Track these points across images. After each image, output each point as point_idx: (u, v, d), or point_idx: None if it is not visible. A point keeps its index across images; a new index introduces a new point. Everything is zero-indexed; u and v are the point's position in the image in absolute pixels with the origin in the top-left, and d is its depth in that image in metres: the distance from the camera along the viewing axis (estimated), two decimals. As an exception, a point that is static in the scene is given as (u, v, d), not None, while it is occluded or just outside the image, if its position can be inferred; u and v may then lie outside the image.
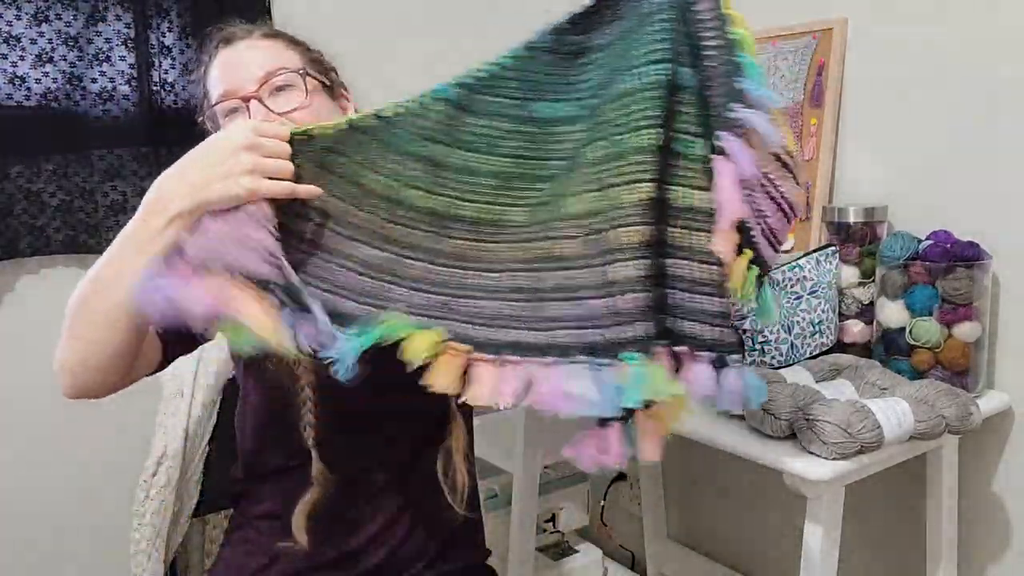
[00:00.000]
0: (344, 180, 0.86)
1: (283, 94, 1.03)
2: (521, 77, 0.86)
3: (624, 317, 0.74)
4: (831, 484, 1.08)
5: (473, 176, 0.86)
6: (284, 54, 1.07)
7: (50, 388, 1.75)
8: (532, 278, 0.82)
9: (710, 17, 0.79)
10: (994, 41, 1.30)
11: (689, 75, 0.78)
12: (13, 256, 1.66)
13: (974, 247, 1.26)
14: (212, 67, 1.07)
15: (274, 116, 1.00)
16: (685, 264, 0.76)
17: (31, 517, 1.76)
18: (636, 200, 0.76)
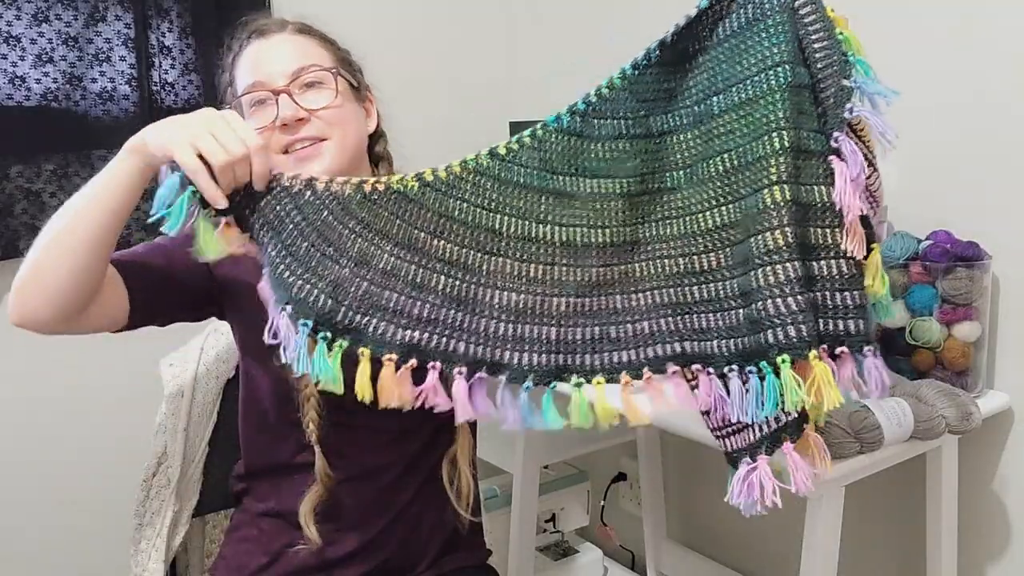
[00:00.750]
0: (471, 227, 0.86)
1: (312, 91, 1.04)
2: (633, 96, 0.88)
3: (778, 320, 0.76)
4: (831, 484, 1.09)
5: (602, 201, 0.86)
6: (316, 51, 1.07)
7: (50, 388, 1.76)
8: (678, 293, 0.84)
9: (814, 19, 0.81)
10: (994, 41, 1.30)
11: (806, 74, 0.80)
12: (13, 256, 1.66)
13: (974, 247, 1.26)
14: (242, 56, 1.07)
15: (303, 112, 1.01)
16: (825, 263, 0.78)
17: (31, 517, 1.76)
18: (778, 202, 0.77)
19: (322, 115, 1.03)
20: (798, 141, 0.78)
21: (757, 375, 0.77)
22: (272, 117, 1.02)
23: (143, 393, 1.52)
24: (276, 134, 1.02)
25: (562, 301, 0.84)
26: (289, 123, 1.01)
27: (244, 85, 1.05)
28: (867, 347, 0.77)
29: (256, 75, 1.04)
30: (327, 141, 1.04)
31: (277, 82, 1.03)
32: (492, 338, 0.83)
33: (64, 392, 1.76)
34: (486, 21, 2.25)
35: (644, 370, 0.83)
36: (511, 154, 0.87)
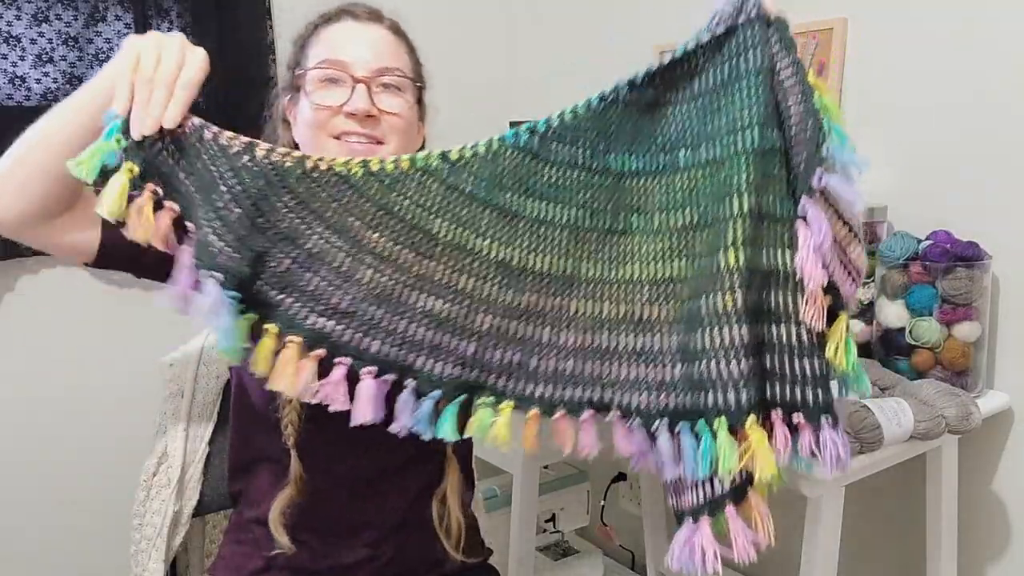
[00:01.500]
0: (408, 225, 0.83)
1: (388, 93, 1.01)
2: (595, 127, 0.84)
3: (719, 384, 0.75)
4: (831, 484, 1.09)
5: (546, 227, 0.83)
6: (403, 57, 1.05)
7: (49, 387, 1.76)
8: (612, 338, 0.82)
9: (793, 83, 0.78)
10: (994, 41, 1.30)
11: (778, 137, 0.78)
12: (13, 256, 1.66)
13: (974, 247, 1.26)
14: (327, 29, 1.03)
15: (375, 109, 0.99)
16: (785, 328, 0.77)
17: (31, 517, 1.76)
18: (732, 266, 0.76)
19: (389, 119, 1.00)
20: (761, 206, 0.77)
21: (692, 434, 0.76)
22: (340, 100, 0.99)
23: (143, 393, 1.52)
24: (336, 117, 0.99)
25: (487, 319, 0.82)
26: (358, 115, 0.99)
27: (322, 57, 1.01)
28: (824, 418, 0.75)
29: (340, 54, 1.00)
30: (383, 145, 1.01)
31: (360, 69, 0.99)
32: (408, 341, 0.81)
33: (64, 392, 1.76)
34: (486, 21, 2.25)
35: (557, 409, 0.81)
36: (463, 161, 0.84)
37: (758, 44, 0.79)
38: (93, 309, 1.78)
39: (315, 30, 1.05)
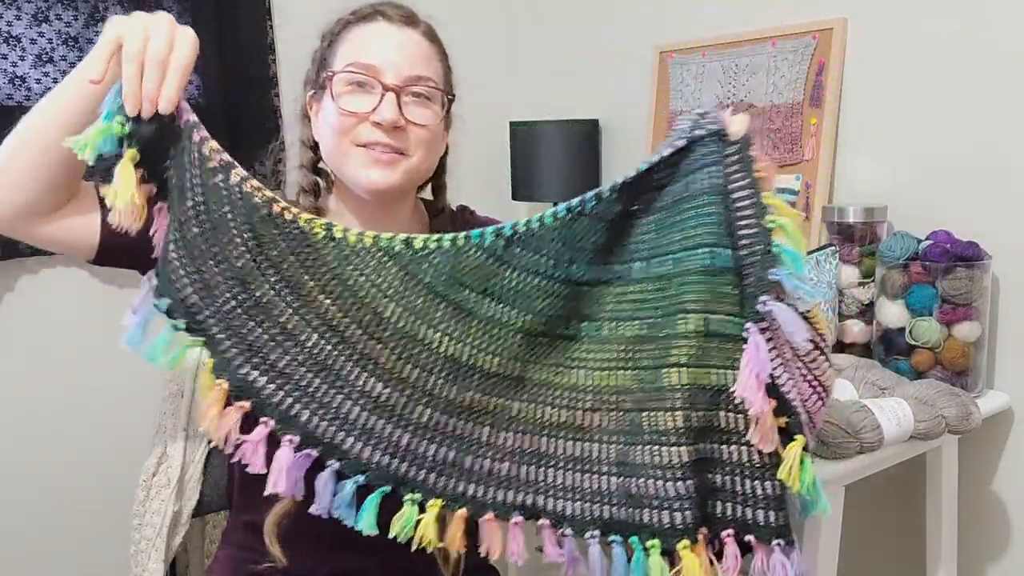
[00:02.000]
0: (360, 302, 0.81)
1: (418, 103, 1.00)
2: (561, 237, 0.84)
3: (656, 503, 0.75)
4: (831, 484, 1.08)
5: (500, 329, 0.82)
6: (435, 64, 1.02)
7: (49, 387, 1.76)
8: (550, 444, 0.82)
9: (748, 204, 0.77)
10: (994, 41, 1.30)
11: (730, 257, 0.78)
12: (13, 256, 1.66)
13: (974, 247, 1.26)
14: (359, 28, 1.00)
15: (403, 120, 0.97)
16: (736, 448, 0.77)
17: (31, 516, 1.76)
18: (675, 384, 0.76)
19: (416, 131, 0.99)
20: (710, 325, 0.77)
21: (623, 547, 0.76)
22: (368, 107, 0.97)
23: (143, 393, 1.52)
24: (363, 125, 0.98)
25: (427, 411, 0.80)
26: (384, 125, 0.97)
27: (351, 59, 0.98)
28: (777, 540, 0.74)
29: (371, 57, 0.97)
30: (407, 157, 1.00)
31: (392, 77, 0.97)
32: (340, 418, 0.79)
33: (64, 392, 1.76)
34: (486, 21, 2.25)
35: (487, 511, 0.80)
36: (426, 251, 0.83)
37: (713, 162, 0.78)
38: (93, 309, 1.78)
39: (345, 27, 1.01)
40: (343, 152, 0.99)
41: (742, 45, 1.65)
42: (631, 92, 1.93)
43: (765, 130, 1.61)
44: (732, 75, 1.67)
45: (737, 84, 1.66)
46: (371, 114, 0.97)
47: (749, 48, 1.63)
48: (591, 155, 2.00)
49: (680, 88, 1.77)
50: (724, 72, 1.68)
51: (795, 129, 1.55)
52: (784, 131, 1.57)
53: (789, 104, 1.56)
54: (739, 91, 1.66)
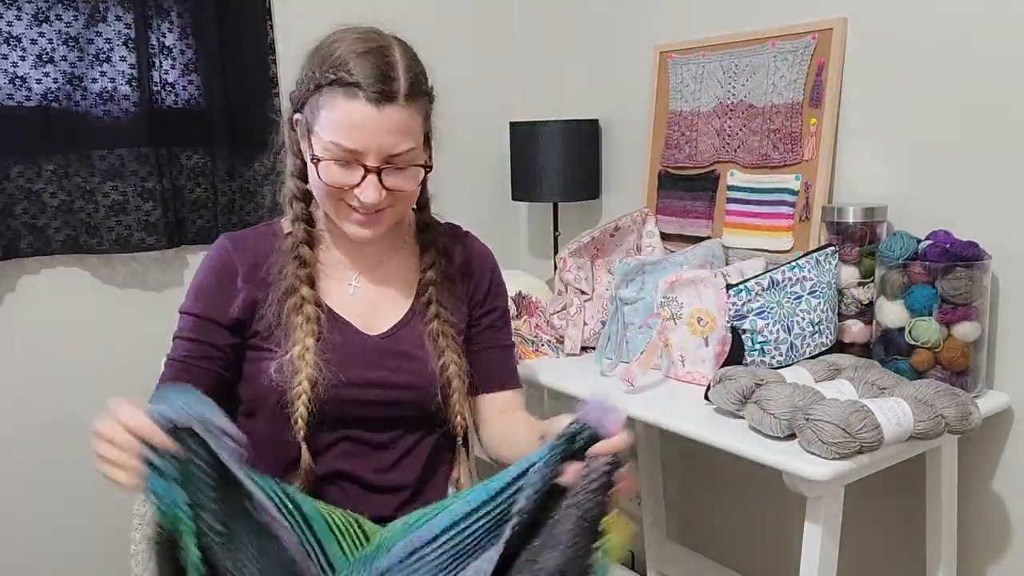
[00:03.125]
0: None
1: (399, 171, 1.05)
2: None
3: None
4: (831, 484, 1.08)
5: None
6: (416, 123, 1.05)
7: (49, 387, 1.75)
8: None
9: (588, 515, 0.83)
10: (994, 41, 1.30)
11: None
12: (13, 256, 1.66)
13: (974, 247, 1.26)
14: (341, 106, 1.00)
15: (384, 195, 1.03)
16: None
17: (31, 517, 1.76)
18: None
19: (396, 194, 1.06)
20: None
21: None
22: (352, 181, 1.03)
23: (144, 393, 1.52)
24: (348, 194, 1.04)
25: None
26: (368, 207, 1.04)
27: (334, 138, 1.01)
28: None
29: (353, 142, 1.01)
30: (390, 209, 1.07)
31: (372, 158, 1.02)
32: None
33: (64, 392, 1.76)
34: (486, 21, 2.25)
35: None
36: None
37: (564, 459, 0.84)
38: (93, 309, 1.78)
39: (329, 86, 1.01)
40: (331, 207, 1.08)
41: (742, 45, 1.65)
42: (631, 92, 1.93)
43: (765, 130, 1.61)
44: (732, 75, 1.67)
45: (737, 84, 1.66)
46: (355, 189, 1.04)
47: (749, 48, 1.63)
48: (591, 155, 2.00)
49: (680, 88, 1.77)
50: (724, 72, 1.68)
51: (795, 129, 1.56)
52: (784, 131, 1.57)
53: (789, 104, 1.56)
54: (739, 91, 1.66)
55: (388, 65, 1.02)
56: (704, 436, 1.21)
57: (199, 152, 1.81)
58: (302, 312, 1.08)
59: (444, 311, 1.16)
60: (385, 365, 1.11)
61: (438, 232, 1.21)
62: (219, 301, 1.10)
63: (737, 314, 1.34)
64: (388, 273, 1.18)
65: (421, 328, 1.15)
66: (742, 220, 1.65)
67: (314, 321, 1.08)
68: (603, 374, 1.48)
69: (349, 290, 1.15)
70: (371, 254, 1.17)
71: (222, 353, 1.10)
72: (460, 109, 2.19)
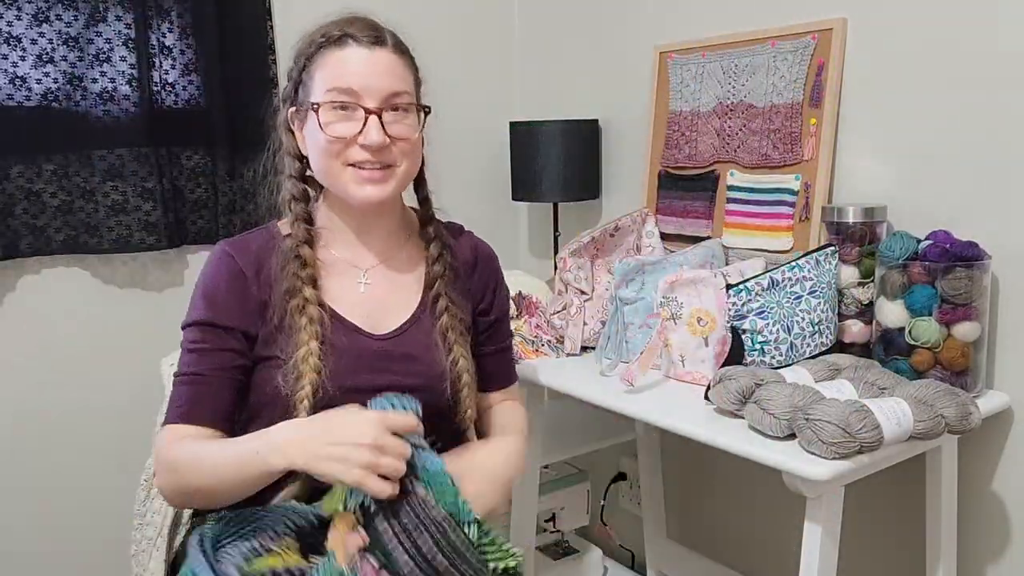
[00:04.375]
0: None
1: (397, 117, 1.06)
2: None
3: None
4: (831, 484, 1.09)
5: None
6: (407, 74, 1.09)
7: (49, 387, 1.76)
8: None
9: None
10: (994, 41, 1.30)
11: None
12: (13, 256, 1.66)
13: (974, 247, 1.26)
14: (333, 56, 1.05)
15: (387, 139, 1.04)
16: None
17: (31, 517, 1.76)
18: None
19: (400, 144, 1.07)
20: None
21: None
22: (353, 131, 1.04)
23: (143, 393, 1.52)
24: (351, 147, 1.05)
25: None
26: (372, 147, 1.04)
27: (331, 86, 1.04)
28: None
29: (350, 82, 1.04)
30: (395, 168, 1.08)
31: (371, 100, 1.04)
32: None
33: (64, 392, 1.76)
34: (486, 21, 2.25)
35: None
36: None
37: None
38: (93, 309, 1.78)
39: (319, 50, 1.06)
40: (335, 172, 1.07)
41: (742, 45, 1.65)
42: (631, 92, 1.93)
43: (765, 130, 1.61)
44: (732, 75, 1.67)
45: (737, 84, 1.66)
46: (358, 137, 1.04)
47: (749, 48, 1.63)
48: (591, 155, 2.00)
49: (680, 88, 1.77)
50: (724, 72, 1.68)
51: (795, 129, 1.56)
52: (784, 131, 1.57)
53: (789, 104, 1.56)
54: (739, 91, 1.66)
55: (372, 24, 1.08)
56: (704, 436, 1.21)
57: (199, 152, 1.81)
58: (305, 313, 1.07)
59: (453, 305, 1.16)
60: (392, 369, 1.10)
61: (441, 227, 1.22)
62: (233, 306, 1.08)
63: (737, 314, 1.34)
64: (397, 268, 1.17)
65: (430, 325, 1.14)
66: (742, 220, 1.65)
67: (317, 322, 1.07)
68: (603, 374, 1.48)
69: (359, 288, 1.14)
70: (377, 250, 1.16)
71: (243, 360, 1.08)
72: (460, 109, 2.19)
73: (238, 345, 1.07)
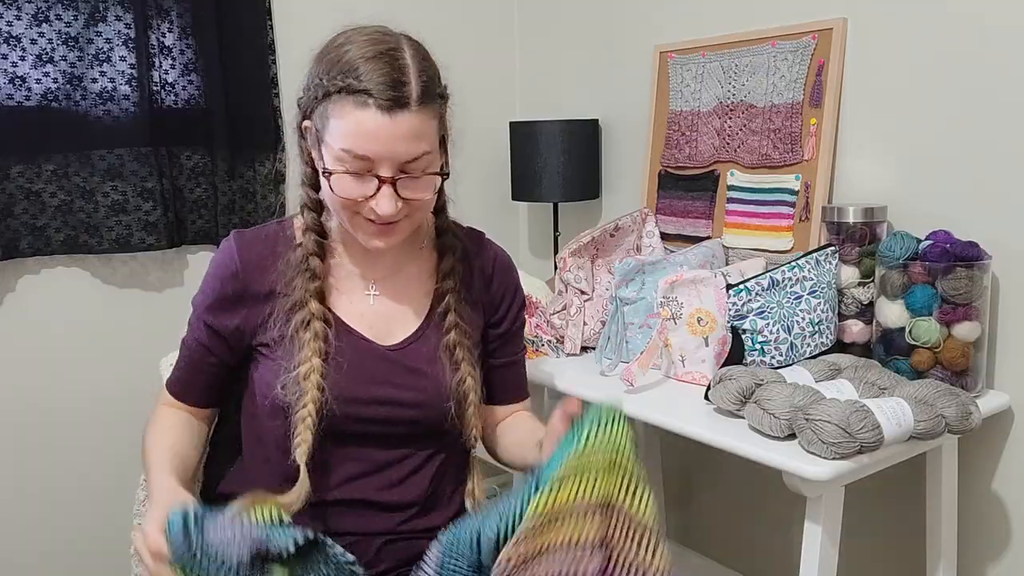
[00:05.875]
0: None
1: (414, 179, 1.00)
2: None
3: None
4: (831, 484, 1.09)
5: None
6: (430, 127, 1.01)
7: (49, 388, 1.76)
8: None
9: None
10: (993, 41, 1.30)
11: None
12: (13, 256, 1.66)
13: (974, 247, 1.26)
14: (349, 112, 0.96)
15: (399, 205, 0.99)
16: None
17: (31, 517, 1.76)
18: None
19: (412, 206, 1.02)
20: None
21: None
22: (364, 192, 0.98)
23: (143, 393, 1.52)
24: (362, 205, 1.00)
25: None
26: (383, 216, 0.99)
27: (345, 146, 0.97)
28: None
29: (365, 150, 0.96)
30: (406, 219, 1.03)
31: (386, 168, 0.97)
32: None
33: (64, 392, 1.76)
34: (487, 22, 2.25)
35: None
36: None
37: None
38: (93, 309, 1.78)
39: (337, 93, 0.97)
40: (346, 218, 1.03)
41: (742, 45, 1.65)
42: (631, 92, 1.93)
43: (765, 130, 1.61)
44: (732, 75, 1.67)
45: (737, 84, 1.66)
46: (369, 200, 0.99)
47: (749, 48, 1.63)
48: (591, 155, 2.00)
49: (680, 88, 1.77)
50: (724, 72, 1.68)
51: (795, 129, 1.56)
52: (784, 131, 1.57)
53: (789, 104, 1.56)
54: (739, 91, 1.66)
55: (399, 70, 0.96)
56: (704, 436, 1.21)
57: (199, 152, 1.81)
58: (310, 328, 1.04)
59: (461, 321, 1.11)
60: (392, 381, 1.07)
61: (456, 237, 1.17)
62: (218, 311, 1.08)
63: (737, 314, 1.34)
64: (406, 281, 1.14)
65: (437, 340, 1.11)
66: (742, 220, 1.65)
67: (321, 338, 1.04)
68: (603, 374, 1.48)
69: (368, 300, 1.11)
70: (387, 263, 1.13)
71: (215, 358, 1.10)
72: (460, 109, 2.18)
73: (217, 348, 1.10)
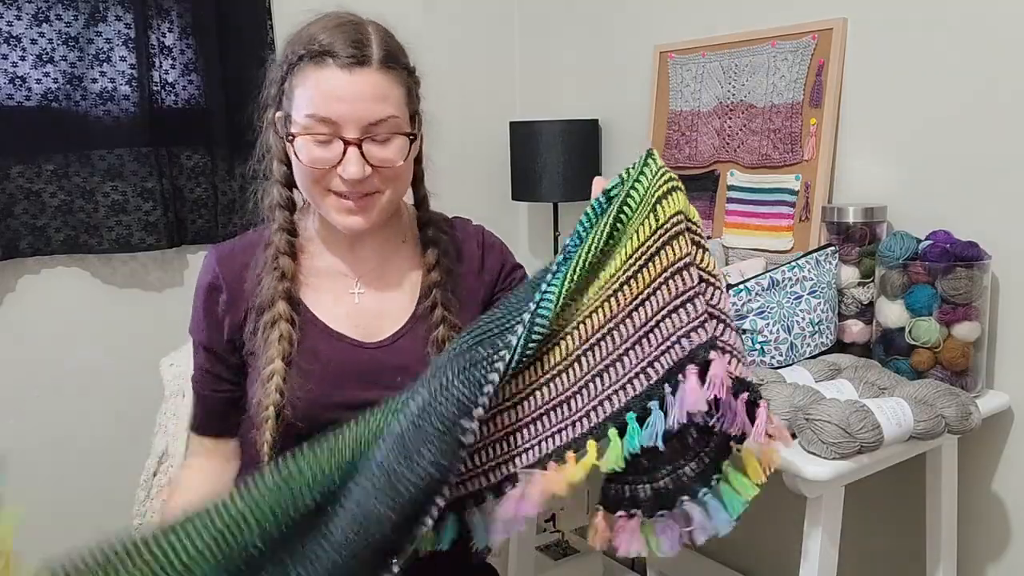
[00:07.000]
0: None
1: (380, 143, 0.98)
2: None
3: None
4: (831, 484, 1.09)
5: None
6: (395, 92, 0.98)
7: (49, 388, 1.76)
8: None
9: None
10: (994, 41, 1.30)
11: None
12: (13, 256, 1.66)
13: (974, 247, 1.26)
14: (313, 76, 0.96)
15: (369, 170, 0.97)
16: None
17: (31, 517, 1.76)
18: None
19: (384, 170, 0.99)
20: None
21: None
22: (332, 159, 0.97)
23: (143, 393, 1.52)
24: (332, 174, 0.98)
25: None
26: (351, 181, 0.97)
27: (309, 111, 0.96)
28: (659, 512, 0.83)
29: (328, 110, 0.95)
30: (379, 195, 1.01)
31: (351, 129, 0.95)
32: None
33: (64, 392, 1.76)
34: (487, 21, 2.25)
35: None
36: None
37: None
38: (93, 309, 1.78)
39: (299, 62, 0.98)
40: (317, 197, 1.01)
41: (742, 45, 1.65)
42: (631, 92, 1.93)
43: (765, 130, 1.61)
44: (732, 75, 1.67)
45: (737, 84, 1.66)
46: (337, 167, 0.97)
47: (749, 48, 1.63)
48: (591, 155, 2.00)
49: (680, 88, 1.77)
50: (724, 72, 1.68)
51: (795, 129, 1.56)
52: (784, 131, 1.57)
53: (789, 104, 1.56)
54: (739, 91, 1.66)
55: (359, 34, 0.97)
56: (704, 436, 1.21)
57: (199, 152, 1.81)
58: (276, 328, 1.02)
59: (450, 315, 1.09)
60: (382, 382, 1.04)
61: (441, 229, 1.15)
62: (209, 329, 1.07)
63: (737, 314, 1.34)
64: (391, 277, 1.11)
65: (424, 334, 1.08)
66: (742, 220, 1.65)
67: (286, 340, 1.02)
68: (603, 374, 1.48)
69: (353, 299, 1.09)
70: (370, 257, 1.11)
71: (216, 379, 1.09)
72: (460, 109, 2.19)
73: (219, 368, 1.08)
